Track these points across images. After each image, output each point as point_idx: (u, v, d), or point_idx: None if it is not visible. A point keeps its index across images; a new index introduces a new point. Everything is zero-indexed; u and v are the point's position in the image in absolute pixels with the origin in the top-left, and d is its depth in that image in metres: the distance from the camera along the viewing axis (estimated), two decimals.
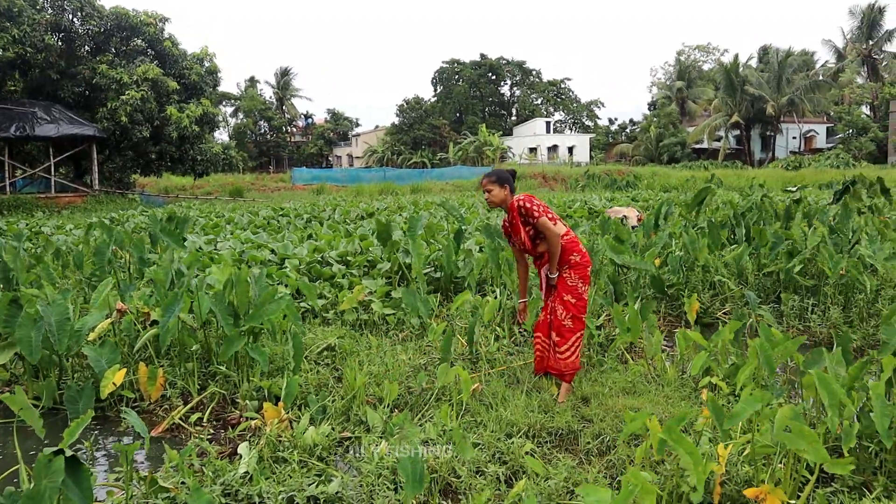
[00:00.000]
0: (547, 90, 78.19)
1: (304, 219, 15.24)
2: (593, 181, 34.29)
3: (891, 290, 7.34)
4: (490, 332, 5.94)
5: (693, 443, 3.07)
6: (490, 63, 73.92)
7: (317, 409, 4.40)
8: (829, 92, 51.92)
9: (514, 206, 4.80)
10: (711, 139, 55.85)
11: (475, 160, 54.13)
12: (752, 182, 27.55)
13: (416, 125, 65.99)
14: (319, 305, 6.74)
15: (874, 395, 3.50)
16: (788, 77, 50.91)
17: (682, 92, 63.57)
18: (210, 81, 33.48)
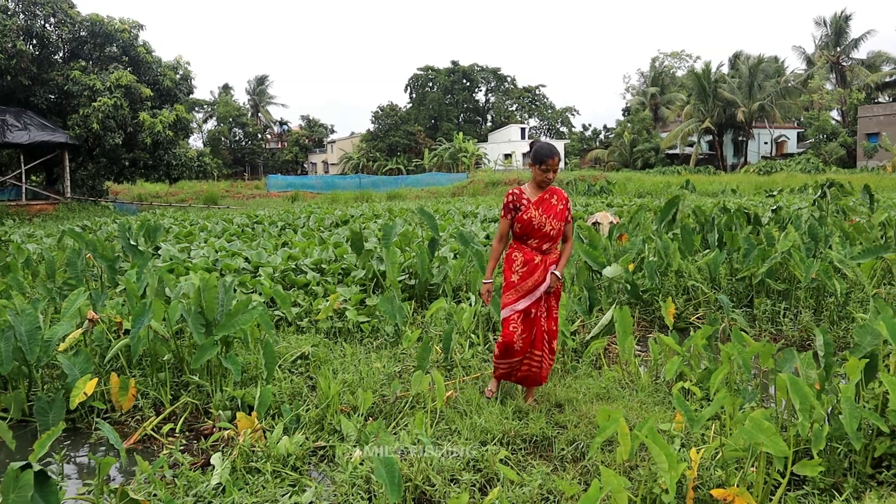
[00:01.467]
0: (522, 97, 78.60)
1: (278, 226, 15.16)
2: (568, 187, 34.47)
3: (860, 293, 7.45)
4: (465, 340, 5.95)
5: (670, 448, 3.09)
6: (464, 70, 74.13)
7: (291, 419, 4.37)
8: (800, 98, 52.66)
9: (564, 193, 4.81)
10: (684, 144, 56.40)
11: (450, 166, 54.25)
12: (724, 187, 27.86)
13: (391, 132, 66.00)
14: (293, 314, 6.71)
15: (843, 397, 3.55)
16: (759, 83, 51.56)
17: (655, 98, 64.15)
18: (184, 88, 33.26)
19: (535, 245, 4.65)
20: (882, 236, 10.05)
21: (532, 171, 4.70)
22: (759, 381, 5.19)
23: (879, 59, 56.39)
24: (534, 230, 4.62)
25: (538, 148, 4.67)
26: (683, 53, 72.19)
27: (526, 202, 4.65)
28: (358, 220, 16.42)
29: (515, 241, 4.76)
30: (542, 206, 4.65)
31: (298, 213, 19.75)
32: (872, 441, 3.68)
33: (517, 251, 4.70)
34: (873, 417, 3.52)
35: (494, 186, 37.94)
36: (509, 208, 4.69)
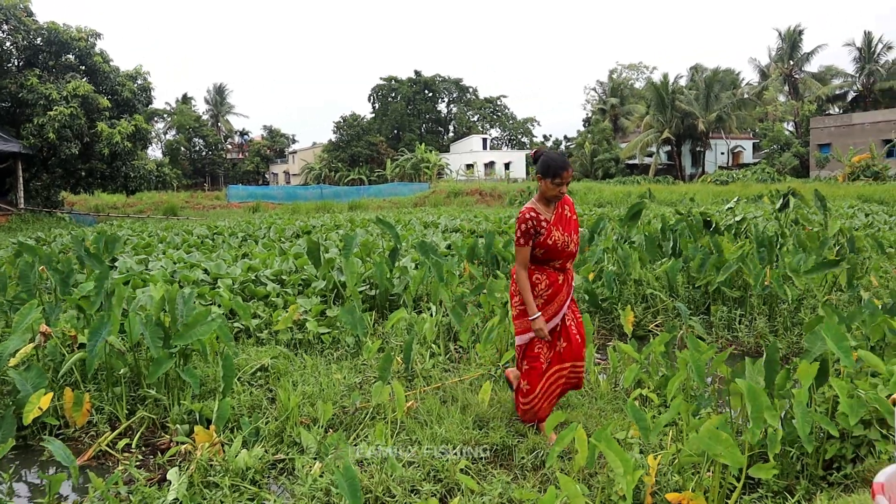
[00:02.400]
0: (483, 107, 79.09)
1: (238, 237, 15.01)
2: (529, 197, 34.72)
3: (812, 300, 7.63)
4: (425, 350, 5.95)
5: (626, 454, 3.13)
6: (426, 80, 74.35)
7: (250, 432, 4.33)
8: (755, 109, 53.91)
9: (570, 199, 4.42)
10: (644, 155, 57.23)
11: (412, 177, 54.29)
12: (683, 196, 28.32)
13: (353, 142, 65.85)
14: (253, 325, 6.65)
15: (796, 402, 3.63)
16: (716, 95, 52.63)
17: (614, 109, 65.05)
18: (143, 98, 32.77)
19: (558, 266, 4.32)
20: (836, 244, 10.29)
21: (541, 186, 4.22)
22: (716, 387, 5.28)
23: (830, 72, 58.04)
24: (558, 252, 4.25)
25: (549, 160, 4.18)
26: (641, 65, 73.39)
27: (545, 224, 4.20)
28: (319, 230, 16.34)
29: (533, 263, 4.31)
30: (562, 224, 4.26)
31: (259, 223, 19.58)
32: (824, 444, 3.77)
33: (538, 273, 4.29)
34: (823, 421, 3.60)
35: (456, 196, 38.06)
36: (529, 234, 4.19)
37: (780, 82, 57.67)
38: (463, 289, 7.52)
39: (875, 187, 30.13)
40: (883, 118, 43.42)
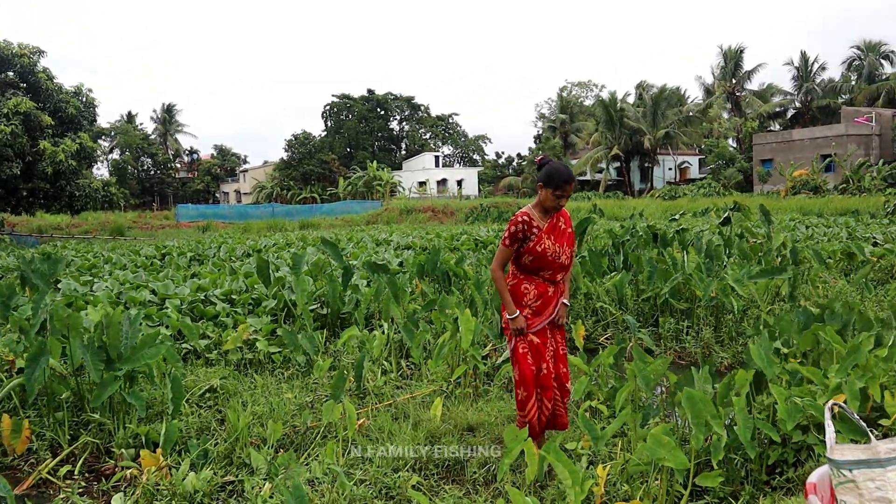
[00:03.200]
0: (435, 125, 79.49)
1: (187, 257, 14.77)
2: (482, 214, 34.95)
3: (755, 310, 7.82)
4: (377, 367, 5.93)
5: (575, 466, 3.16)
6: (378, 98, 74.47)
7: (198, 454, 4.25)
8: (700, 126, 55.25)
9: (567, 213, 4.33)
10: (594, 171, 58.12)
11: (365, 194, 54.17)
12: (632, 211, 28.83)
13: (305, 160, 65.51)
14: (202, 346, 6.54)
15: (737, 409, 3.72)
16: (663, 112, 53.81)
17: (564, 126, 65.98)
18: (88, 116, 32.09)
19: (548, 276, 4.20)
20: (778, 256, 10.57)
21: (541, 195, 4.12)
22: (664, 397, 5.37)
23: (770, 90, 59.91)
24: (548, 262, 4.13)
25: (554, 170, 4.07)
26: (591, 83, 74.76)
27: (537, 230, 4.11)
28: (270, 249, 16.19)
29: (522, 272, 4.22)
30: (555, 234, 4.16)
31: (209, 243, 19.30)
32: (766, 450, 3.86)
33: (527, 283, 4.19)
34: (765, 427, 3.69)
35: (409, 214, 38.09)
36: (517, 237, 4.11)
37: (724, 100, 59.26)
38: (415, 305, 7.52)
39: (815, 200, 31.08)
40: (821, 134, 44.86)
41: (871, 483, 1.72)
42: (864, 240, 14.38)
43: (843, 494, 1.79)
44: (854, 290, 8.58)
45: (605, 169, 57.18)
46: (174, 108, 76.96)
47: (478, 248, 14.98)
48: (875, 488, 1.71)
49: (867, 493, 1.72)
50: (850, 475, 1.76)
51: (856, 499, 1.75)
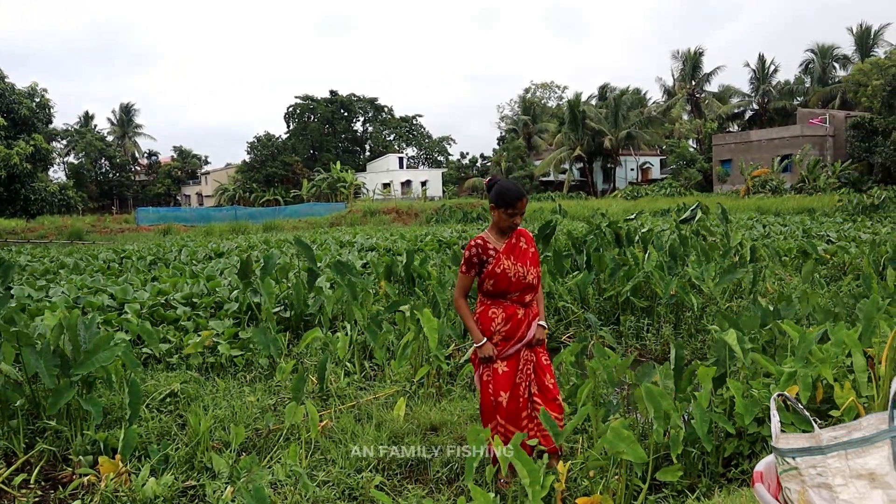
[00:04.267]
0: (399, 126, 79.39)
1: (147, 261, 14.57)
2: (445, 215, 35.03)
3: (714, 308, 7.97)
4: (340, 369, 5.92)
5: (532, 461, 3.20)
6: (342, 100, 74.15)
7: (158, 459, 4.21)
8: (661, 127, 55.98)
9: (529, 233, 4.20)
10: (557, 171, 58.55)
11: (329, 196, 53.91)
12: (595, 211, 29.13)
13: (268, 162, 64.97)
14: (163, 350, 6.47)
15: (695, 403, 3.80)
16: (624, 113, 54.42)
17: (528, 127, 66.35)
18: (42, 117, 31.49)
19: (515, 298, 4.06)
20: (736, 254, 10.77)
21: (494, 216, 4.04)
22: (624, 393, 5.45)
23: (729, 92, 60.98)
24: (512, 283, 4.00)
25: (503, 189, 4.01)
26: (554, 84, 75.27)
27: (493, 253, 4.01)
28: (233, 252, 16.04)
29: (488, 297, 4.08)
30: (514, 254, 4.03)
31: (170, 246, 19.07)
32: (723, 443, 3.95)
33: (495, 307, 4.05)
34: (721, 420, 3.78)
35: (373, 216, 38.03)
36: (472, 262, 4.02)
37: (684, 101, 60.15)
38: (378, 307, 7.52)
39: (772, 200, 31.71)
40: (777, 135, 45.74)
41: (813, 469, 1.78)
42: (819, 238, 14.74)
43: (787, 482, 1.85)
44: (808, 286, 8.77)
45: (569, 170, 57.65)
46: (132, 109, 75.74)
47: (441, 248, 15.02)
48: (817, 474, 1.77)
49: (809, 479, 1.78)
50: (793, 462, 1.82)
51: (799, 485, 1.81)
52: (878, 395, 3.83)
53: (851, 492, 1.73)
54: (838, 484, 1.74)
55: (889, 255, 9.52)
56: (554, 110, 68.33)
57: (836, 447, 1.77)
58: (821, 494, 1.76)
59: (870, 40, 53.41)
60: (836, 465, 1.76)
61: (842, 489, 1.74)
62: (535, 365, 4.14)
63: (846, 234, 15.20)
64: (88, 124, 71.68)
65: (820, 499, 1.76)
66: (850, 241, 13.29)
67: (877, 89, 35.57)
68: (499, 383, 4.01)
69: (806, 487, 1.79)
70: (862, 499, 1.72)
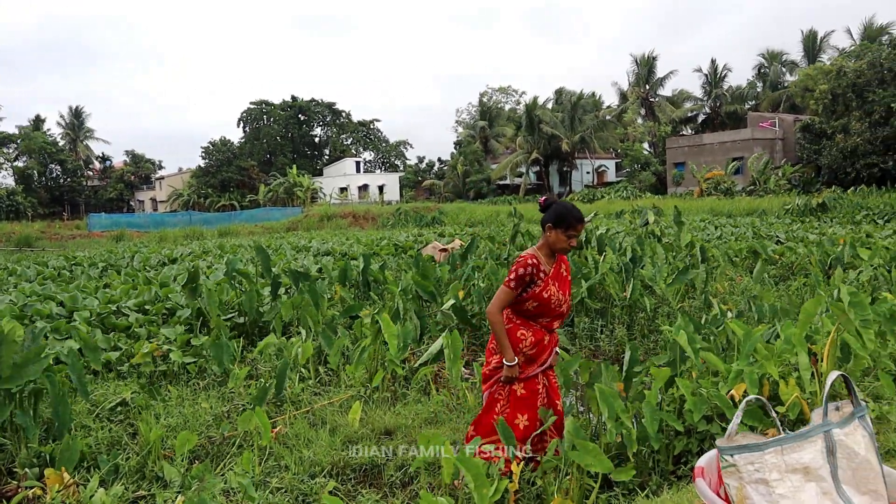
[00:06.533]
0: (357, 131, 79.15)
1: (99, 268, 14.28)
2: (402, 219, 35.01)
3: (667, 308, 8.10)
4: (295, 374, 5.88)
5: (484, 465, 3.22)
6: (300, 104, 73.65)
7: (108, 470, 4.13)
8: (616, 130, 56.75)
9: (567, 261, 4.14)
10: (514, 175, 58.92)
11: (286, 201, 53.50)
12: None
13: (223, 167, 64.17)
14: (114, 358, 6.35)
15: (645, 403, 3.87)
16: (580, 117, 55.01)
17: (485, 131, 66.63)
18: None
19: (545, 323, 4.02)
20: (688, 255, 10.97)
21: (550, 236, 3.92)
22: (578, 394, 5.51)
23: (682, 96, 62.12)
24: (550, 310, 3.95)
25: (565, 209, 3.89)
26: (510, 89, 75.71)
27: (544, 275, 3.90)
28: (187, 258, 15.81)
29: (520, 317, 3.99)
30: (559, 281, 3.98)
31: (122, 252, 18.72)
32: (673, 441, 4.01)
33: (524, 328, 3.97)
34: (670, 419, 3.85)
35: (330, 220, 37.82)
36: (524, 282, 3.87)
37: (638, 105, 61.06)
38: (333, 311, 7.49)
39: (724, 202, 32.33)
40: (729, 138, 46.68)
41: (751, 466, 1.82)
42: (769, 238, 15.07)
43: (727, 478, 1.90)
44: (757, 286, 8.97)
45: (525, 173, 58.05)
46: (83, 112, 74.10)
47: (398, 252, 15.00)
48: (754, 470, 1.82)
49: (747, 475, 1.83)
50: (731, 459, 1.86)
51: (737, 481, 1.86)
52: (820, 392, 3.93)
53: (787, 486, 1.78)
54: (774, 479, 1.79)
55: (835, 256, 9.80)
56: (510, 114, 68.76)
57: (772, 443, 1.82)
58: (758, 490, 1.81)
59: (816, 46, 54.90)
60: (772, 460, 1.81)
61: (778, 483, 1.79)
62: (548, 388, 4.13)
63: (795, 235, 15.57)
64: (40, 127, 69.90)
65: (757, 494, 1.81)
66: (799, 242, 13.62)
67: (822, 94, 36.53)
68: (517, 406, 3.96)
69: (744, 483, 1.84)
70: (797, 492, 1.77)
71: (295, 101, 73.63)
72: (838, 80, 35.32)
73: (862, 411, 1.91)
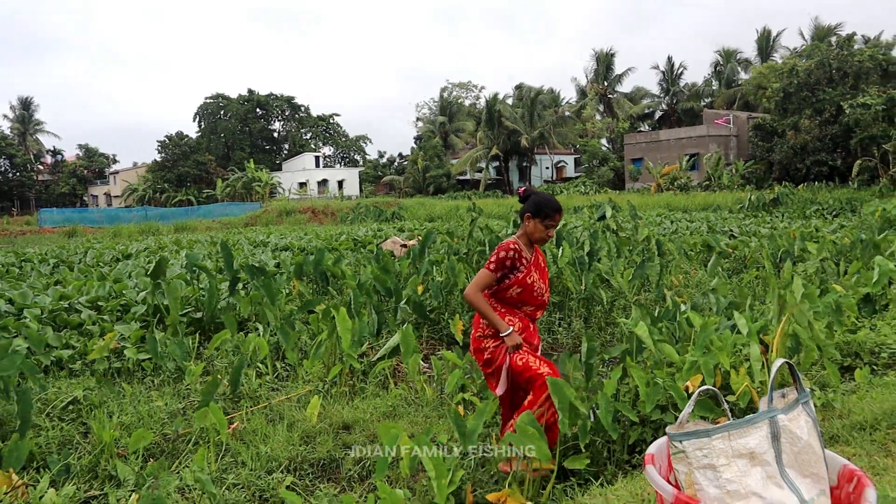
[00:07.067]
0: (316, 125, 78.55)
1: (50, 264, 13.96)
2: (361, 214, 34.89)
3: (623, 301, 8.21)
4: (252, 370, 5.83)
5: (441, 455, 3.23)
6: (258, 98, 72.81)
7: (59, 470, 4.05)
8: (575, 126, 57.26)
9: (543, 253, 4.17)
10: (474, 170, 59.08)
11: (244, 196, 52.87)
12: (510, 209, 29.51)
13: (180, 162, 63.14)
14: (66, 356, 6.22)
15: (601, 394, 3.91)
16: (539, 113, 55.39)
17: (444, 126, 66.64)
18: None
19: (529, 312, 4.08)
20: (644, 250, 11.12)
21: (528, 225, 3.98)
22: None
23: (640, 93, 62.88)
24: (532, 297, 4.02)
25: (543, 200, 3.98)
26: (471, 84, 75.80)
27: (525, 262, 3.97)
28: (141, 254, 15.54)
29: (504, 305, 4.02)
30: (538, 270, 4.05)
31: (75, 248, 18.33)
32: (628, 430, 4.08)
33: (510, 315, 4.01)
34: (625, 409, 3.90)
35: (289, 215, 37.50)
36: (504, 265, 3.92)
37: (597, 101, 61.67)
38: (291, 306, 7.43)
39: (680, 197, 32.86)
40: (686, 135, 47.42)
41: (699, 452, 1.86)
42: (723, 233, 15.36)
43: (676, 464, 1.94)
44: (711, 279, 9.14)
45: (485, 168, 58.25)
46: (32, 104, 72.23)
47: (357, 247, 14.95)
48: (702, 456, 1.86)
49: (695, 461, 1.87)
50: (680, 446, 1.90)
51: (686, 467, 1.90)
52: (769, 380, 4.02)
53: (734, 470, 1.83)
54: (721, 464, 1.84)
55: (785, 249, 10.03)
56: (470, 109, 68.88)
57: (720, 429, 1.86)
58: (706, 474, 1.85)
59: (769, 45, 56.01)
60: (720, 446, 1.85)
61: (725, 468, 1.83)
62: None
63: (748, 229, 15.90)
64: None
65: (705, 479, 1.85)
66: (751, 236, 13.92)
67: (774, 92, 37.31)
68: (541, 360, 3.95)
69: (692, 469, 1.88)
70: (743, 476, 1.81)
71: (252, 95, 72.76)
72: (790, 78, 36.10)
73: (805, 397, 1.97)
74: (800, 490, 1.82)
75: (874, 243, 8.32)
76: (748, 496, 1.79)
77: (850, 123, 32.22)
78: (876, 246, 8.21)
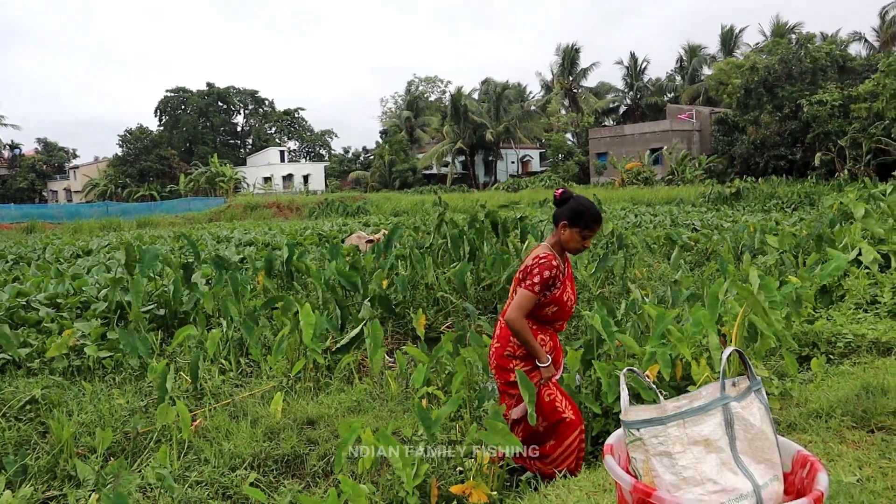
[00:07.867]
0: (281, 119, 77.87)
1: (8, 260, 13.67)
2: (327, 209, 34.71)
3: (587, 293, 8.28)
4: (215, 367, 5.77)
5: (406, 449, 3.24)
6: (219, 92, 71.92)
7: (15, 470, 3.97)
8: (540, 121, 57.52)
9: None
10: (440, 165, 59.07)
11: (208, 191, 52.27)
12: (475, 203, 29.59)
13: (142, 156, 62.19)
14: (23, 354, 6.09)
15: (564, 386, 3.95)
16: (505, 107, 55.54)
17: (410, 121, 66.52)
18: None
19: (559, 326, 3.84)
20: (608, 243, 11.24)
21: (564, 234, 3.64)
22: None
23: (604, 88, 63.35)
24: (566, 312, 3.77)
25: (583, 207, 3.59)
26: (437, 79, 75.78)
27: (562, 277, 3.66)
28: (102, 250, 15.29)
29: (536, 322, 3.73)
30: (570, 281, 3.78)
31: (33, 245, 17.97)
32: (591, 422, 4.12)
33: (542, 334, 3.74)
34: (588, 401, 3.95)
35: (253, 210, 37.15)
36: (548, 285, 3.59)
37: (562, 96, 61.99)
38: (256, 302, 7.38)
39: (644, 191, 33.21)
40: (650, 129, 47.89)
41: (655, 439, 1.90)
42: (686, 226, 15.58)
43: (633, 452, 1.97)
44: (674, 271, 9.27)
45: (451, 163, 58.28)
46: None
47: (322, 242, 14.87)
48: (658, 443, 1.89)
49: (652, 448, 1.90)
50: (637, 434, 1.93)
51: (643, 455, 1.93)
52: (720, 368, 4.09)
53: (689, 457, 1.86)
54: (677, 451, 1.87)
55: (745, 242, 10.20)
56: (437, 104, 68.85)
57: (675, 417, 1.90)
58: (662, 462, 1.89)
59: (732, 41, 56.77)
60: (675, 433, 1.89)
61: (680, 455, 1.86)
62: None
63: (709, 223, 16.14)
64: None
65: (661, 466, 1.88)
66: (713, 229, 14.12)
67: (735, 88, 37.86)
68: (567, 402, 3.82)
69: (649, 456, 1.91)
70: (698, 463, 1.85)
71: (212, 88, 71.85)
72: (751, 75, 36.66)
73: (757, 385, 2.01)
74: (753, 476, 1.86)
75: (827, 236, 8.50)
76: (703, 482, 1.83)
77: (808, 119, 32.84)
78: (830, 239, 8.38)
